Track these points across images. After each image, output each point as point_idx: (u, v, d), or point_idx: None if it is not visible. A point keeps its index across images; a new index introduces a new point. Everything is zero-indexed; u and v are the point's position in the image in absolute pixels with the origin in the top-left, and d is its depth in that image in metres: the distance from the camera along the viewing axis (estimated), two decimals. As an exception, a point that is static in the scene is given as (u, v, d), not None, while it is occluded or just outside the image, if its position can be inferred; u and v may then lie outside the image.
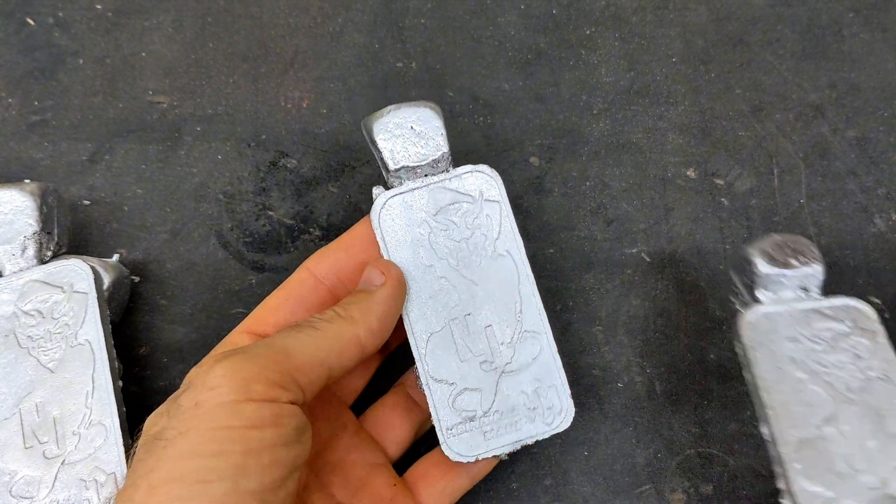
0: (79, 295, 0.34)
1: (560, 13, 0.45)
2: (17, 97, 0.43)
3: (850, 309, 0.34)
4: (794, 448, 0.31)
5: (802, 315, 0.34)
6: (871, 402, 0.32)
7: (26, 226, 0.35)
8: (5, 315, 0.34)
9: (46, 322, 0.33)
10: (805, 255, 0.34)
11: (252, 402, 0.25)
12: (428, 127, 0.33)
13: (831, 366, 0.32)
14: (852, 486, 0.30)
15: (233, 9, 0.45)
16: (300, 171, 0.42)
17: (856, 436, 0.31)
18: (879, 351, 0.32)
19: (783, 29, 0.45)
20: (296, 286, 0.33)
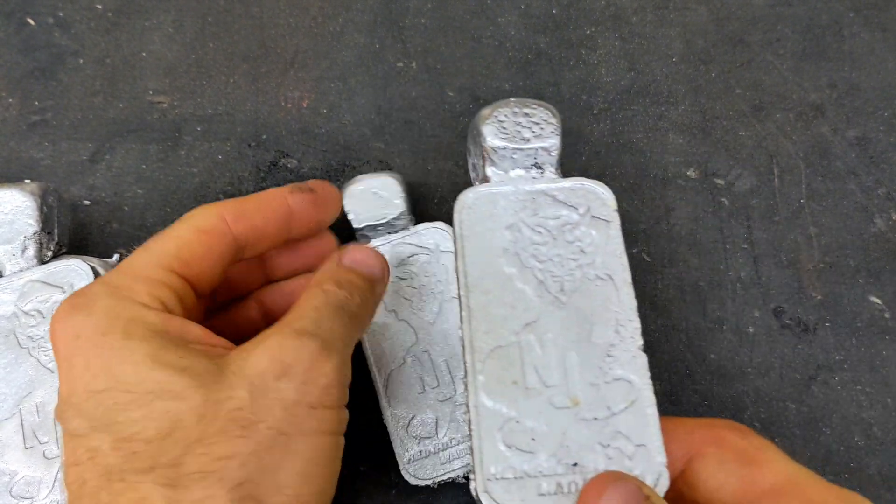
0: None
1: (560, 13, 0.45)
2: (18, 97, 0.43)
3: (586, 193, 0.29)
4: (484, 357, 0.26)
5: (530, 198, 0.29)
6: (583, 306, 0.27)
7: (26, 226, 0.35)
8: (5, 315, 0.34)
9: (47, 322, 0.33)
10: (540, 127, 0.29)
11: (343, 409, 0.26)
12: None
13: (549, 261, 0.28)
14: (537, 405, 0.26)
15: (233, 9, 0.45)
16: (300, 172, 0.42)
17: (556, 346, 0.27)
18: (608, 245, 0.28)
19: (783, 29, 0.45)
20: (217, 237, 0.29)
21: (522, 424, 0.25)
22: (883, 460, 0.37)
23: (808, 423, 0.37)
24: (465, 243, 0.28)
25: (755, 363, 0.38)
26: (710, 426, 0.26)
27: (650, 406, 0.26)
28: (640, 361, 0.27)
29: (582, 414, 0.26)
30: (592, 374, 0.26)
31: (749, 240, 0.41)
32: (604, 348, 0.27)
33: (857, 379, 0.38)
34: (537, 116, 0.30)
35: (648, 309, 0.39)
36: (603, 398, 0.26)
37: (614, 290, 0.27)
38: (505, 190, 0.29)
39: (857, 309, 0.39)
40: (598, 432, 0.25)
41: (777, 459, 0.25)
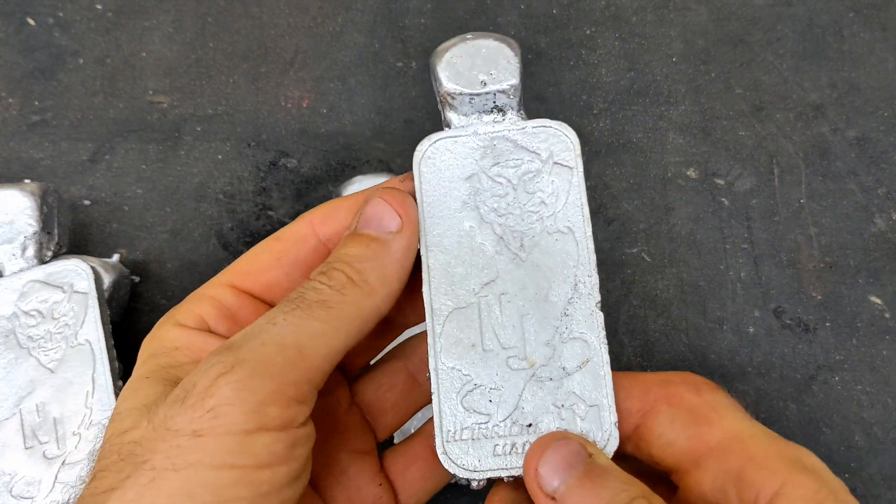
0: (79, 295, 0.34)
1: (560, 13, 0.45)
2: (18, 97, 0.43)
3: (549, 136, 0.27)
4: (444, 319, 0.26)
5: (490, 143, 0.27)
6: (542, 263, 0.26)
7: (26, 226, 0.35)
8: (5, 315, 0.34)
9: (46, 322, 0.33)
10: (498, 68, 0.27)
11: (265, 431, 0.21)
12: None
13: (509, 214, 0.27)
14: (495, 367, 0.26)
15: (233, 9, 0.45)
16: (300, 171, 0.42)
17: (515, 306, 0.26)
18: (570, 195, 0.27)
19: (783, 29, 0.45)
20: (294, 243, 0.27)
21: (480, 386, 0.26)
22: (883, 460, 0.36)
23: (809, 422, 0.37)
24: (424, 197, 0.27)
25: (755, 363, 0.38)
26: (667, 383, 0.26)
27: (604, 365, 0.26)
28: (596, 319, 0.26)
29: (538, 375, 0.26)
30: (549, 334, 0.26)
31: (749, 240, 0.41)
32: (561, 307, 0.26)
33: (857, 379, 0.38)
34: (495, 54, 0.27)
35: (649, 309, 0.39)
36: (559, 358, 0.26)
37: (574, 244, 0.26)
38: (464, 136, 0.27)
39: (857, 309, 0.39)
40: (553, 393, 0.25)
41: (727, 417, 0.25)
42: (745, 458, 0.23)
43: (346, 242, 0.25)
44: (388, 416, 0.29)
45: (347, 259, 0.25)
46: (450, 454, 0.25)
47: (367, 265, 0.24)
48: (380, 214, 0.26)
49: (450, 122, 0.28)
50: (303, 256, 0.27)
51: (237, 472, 0.21)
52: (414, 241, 0.26)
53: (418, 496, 0.28)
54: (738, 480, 0.23)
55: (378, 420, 0.29)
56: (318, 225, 0.27)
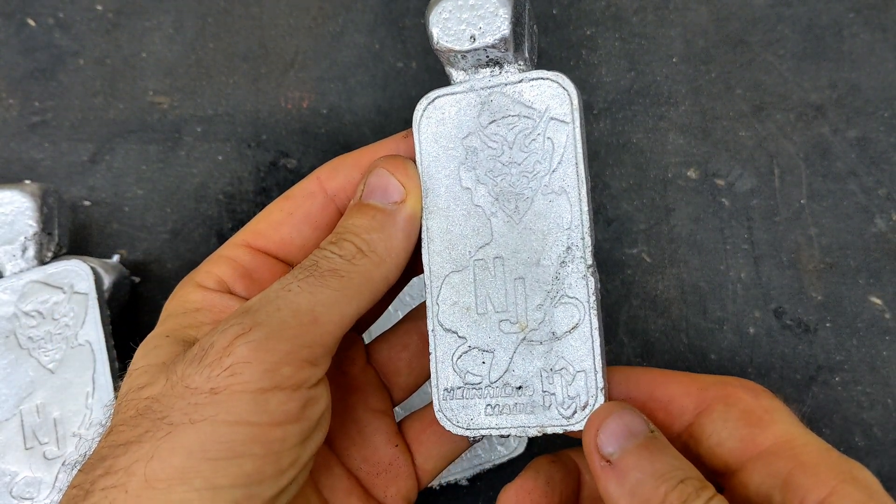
0: (79, 296, 0.34)
1: (560, 13, 0.45)
2: (18, 98, 0.43)
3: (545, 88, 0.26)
4: (441, 282, 0.26)
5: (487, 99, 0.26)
6: (537, 225, 0.26)
7: (27, 227, 0.35)
8: (6, 316, 0.34)
9: (47, 323, 0.33)
10: (487, 20, 0.25)
11: (279, 390, 0.22)
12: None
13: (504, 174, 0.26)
14: (488, 330, 0.26)
15: (233, 9, 0.45)
16: (301, 172, 0.42)
17: (508, 269, 0.26)
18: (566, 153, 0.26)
19: (784, 29, 0.45)
20: (303, 199, 0.28)
21: (474, 349, 0.26)
22: (883, 461, 0.36)
23: (809, 423, 0.37)
24: (423, 158, 0.27)
25: (756, 363, 0.38)
26: (724, 384, 0.26)
27: (593, 331, 0.25)
28: (588, 284, 0.25)
29: (528, 338, 0.26)
30: (540, 298, 0.26)
31: (749, 240, 0.41)
32: (553, 270, 0.26)
33: (857, 379, 0.38)
34: (483, 7, 0.26)
35: (649, 309, 0.39)
36: (549, 322, 0.26)
37: (568, 205, 0.26)
38: (461, 93, 0.27)
39: (857, 309, 0.39)
40: (543, 357, 0.26)
41: (781, 421, 0.25)
42: (796, 463, 0.24)
43: (352, 213, 0.26)
44: (402, 376, 0.30)
45: (356, 230, 0.25)
46: (444, 412, 0.26)
47: (374, 236, 0.25)
48: (384, 185, 0.26)
49: (450, 76, 0.27)
50: (313, 212, 0.28)
51: (252, 428, 0.21)
52: (418, 210, 0.26)
53: (435, 461, 0.29)
54: (785, 485, 0.23)
55: (393, 381, 0.30)
56: (326, 180, 0.28)
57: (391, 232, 0.25)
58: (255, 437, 0.22)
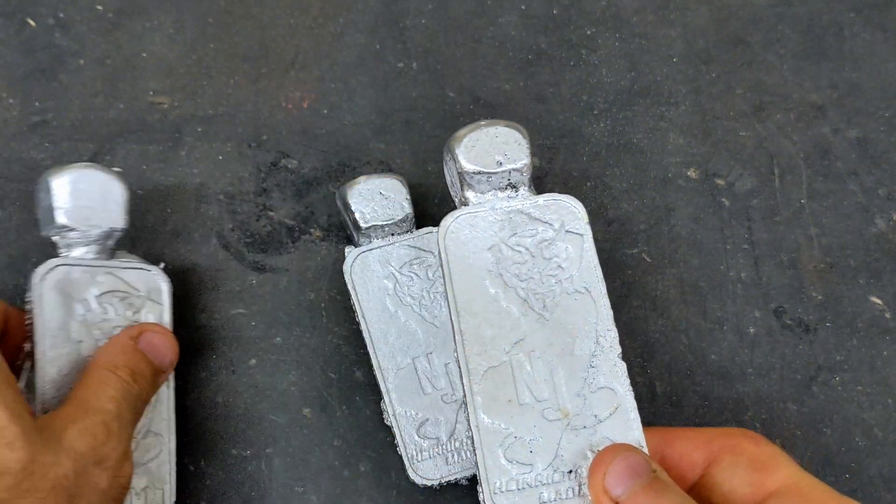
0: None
1: (561, 13, 0.45)
2: (18, 98, 0.43)
3: (559, 208, 0.30)
4: (479, 378, 0.28)
5: (507, 217, 0.30)
6: (565, 320, 0.29)
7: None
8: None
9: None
10: (511, 149, 0.30)
11: None
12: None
13: (530, 279, 0.29)
14: (532, 419, 0.28)
15: (234, 9, 0.45)
16: (301, 172, 0.42)
17: (544, 361, 0.29)
18: (584, 259, 0.30)
19: (784, 29, 0.45)
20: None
21: (520, 439, 0.28)
22: (884, 461, 0.36)
23: (809, 423, 0.37)
24: (451, 268, 0.29)
25: (756, 364, 0.38)
26: (728, 435, 0.29)
27: (632, 410, 0.28)
28: (620, 369, 0.28)
29: (572, 424, 0.28)
30: (578, 386, 0.28)
31: (750, 240, 0.41)
32: (586, 359, 0.29)
33: (857, 379, 0.38)
34: (507, 138, 0.30)
35: (649, 309, 0.39)
36: (590, 407, 0.28)
37: (592, 302, 0.29)
38: (483, 212, 0.30)
39: (857, 309, 0.39)
40: (588, 439, 0.28)
41: (785, 465, 0.27)
42: (805, 502, 0.26)
43: None
44: None
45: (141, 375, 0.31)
46: None
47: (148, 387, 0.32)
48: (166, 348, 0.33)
49: (467, 199, 0.31)
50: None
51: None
52: None
53: None
54: None
55: None
56: None
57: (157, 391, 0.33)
58: None
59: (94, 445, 0.28)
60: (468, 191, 0.31)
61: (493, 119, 0.31)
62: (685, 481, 0.29)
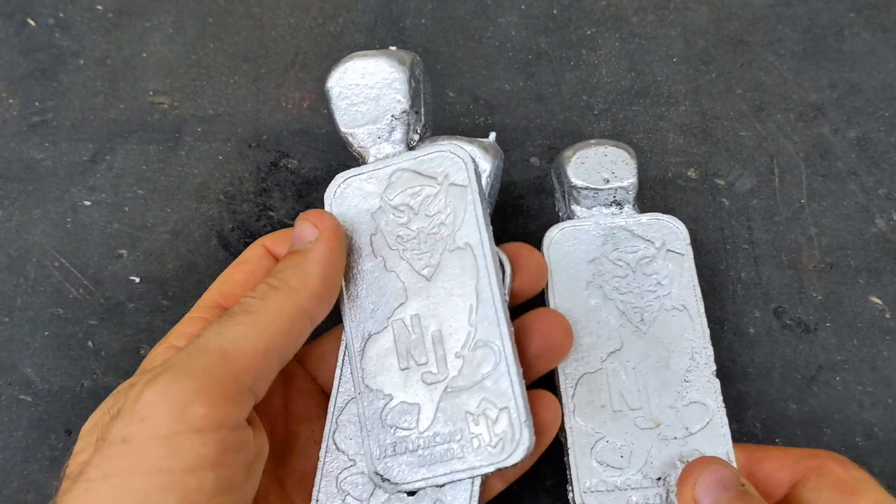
0: (456, 188, 0.28)
1: (561, 13, 0.45)
2: (18, 98, 0.43)
3: (661, 227, 0.31)
4: (575, 382, 0.30)
5: (610, 233, 0.31)
6: (661, 335, 0.30)
7: (395, 102, 0.29)
8: (370, 210, 0.29)
9: (420, 219, 0.29)
10: (619, 167, 0.31)
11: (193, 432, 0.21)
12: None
13: (629, 293, 0.30)
14: (624, 426, 0.29)
15: (234, 9, 0.45)
16: (301, 172, 0.42)
17: (638, 372, 0.30)
18: (683, 277, 0.31)
19: (784, 29, 0.45)
20: (257, 260, 0.30)
21: (612, 443, 0.29)
22: (885, 461, 0.36)
23: (810, 423, 0.37)
24: (553, 277, 0.31)
25: (756, 363, 0.38)
26: (815, 456, 0.29)
27: (723, 426, 0.29)
28: (713, 386, 0.30)
29: (663, 434, 0.29)
30: (671, 398, 0.29)
31: (749, 240, 0.41)
32: (681, 374, 0.30)
33: (858, 379, 0.38)
34: (616, 157, 0.32)
35: (649, 309, 0.39)
36: (681, 419, 0.29)
37: (689, 320, 0.30)
38: (587, 226, 0.31)
39: (857, 309, 0.39)
40: (678, 450, 0.29)
41: (872, 490, 0.27)
42: None
43: None
44: None
45: (273, 273, 0.26)
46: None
47: (287, 272, 0.26)
48: (300, 232, 0.27)
49: (573, 213, 0.32)
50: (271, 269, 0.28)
51: (164, 476, 0.21)
52: (335, 245, 0.27)
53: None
54: None
55: None
56: (272, 247, 0.30)
57: (305, 266, 0.26)
58: (168, 486, 0.21)
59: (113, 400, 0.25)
60: (574, 205, 0.32)
61: (603, 138, 0.33)
62: (770, 498, 0.29)
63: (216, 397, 0.22)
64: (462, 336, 0.27)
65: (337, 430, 0.28)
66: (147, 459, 0.21)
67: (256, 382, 0.24)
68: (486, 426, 0.27)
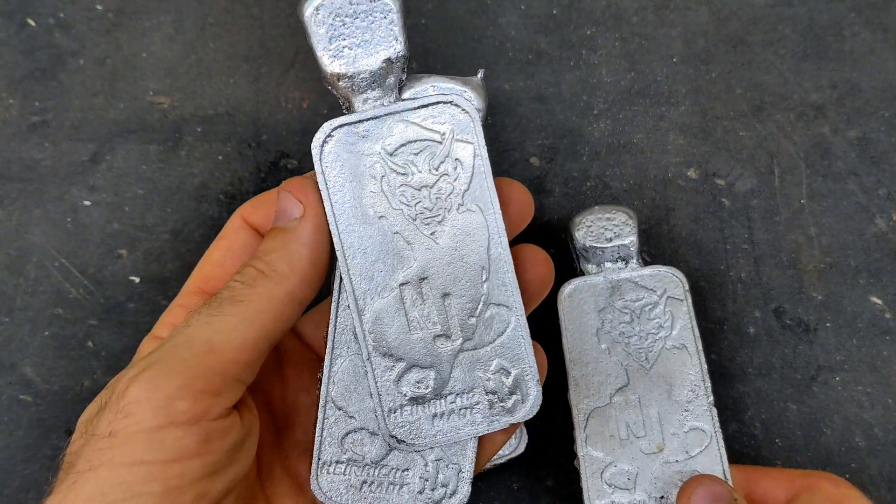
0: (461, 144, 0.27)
1: (561, 13, 0.45)
2: (18, 98, 0.43)
3: (662, 278, 0.35)
4: (586, 416, 0.34)
5: (617, 285, 0.35)
6: (664, 371, 0.34)
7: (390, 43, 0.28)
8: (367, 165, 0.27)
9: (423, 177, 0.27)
10: (620, 228, 0.36)
11: (175, 426, 0.22)
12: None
13: (634, 336, 0.34)
14: (629, 451, 0.33)
15: (233, 9, 0.45)
16: (301, 172, 0.42)
17: (643, 404, 0.34)
18: (682, 320, 0.35)
19: (784, 29, 0.45)
20: (234, 235, 0.29)
21: (620, 468, 0.33)
22: (884, 461, 0.37)
23: (809, 423, 0.37)
24: (566, 325, 0.34)
25: (756, 363, 0.38)
26: (809, 475, 0.31)
27: (720, 449, 0.33)
28: (711, 414, 0.33)
29: (666, 458, 0.33)
30: (673, 426, 0.33)
31: (750, 240, 0.41)
32: (682, 404, 0.33)
33: (857, 379, 0.38)
34: (618, 220, 0.36)
35: (649, 309, 0.39)
36: (682, 444, 0.33)
37: (689, 357, 0.34)
38: (596, 280, 0.35)
39: (857, 309, 0.39)
40: (680, 472, 0.32)
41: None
42: None
43: (263, 240, 0.27)
44: None
45: (259, 254, 0.25)
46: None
47: (275, 255, 0.25)
48: (284, 206, 0.26)
49: (585, 270, 0.36)
50: (248, 244, 0.28)
51: (147, 467, 0.21)
52: (321, 221, 0.26)
53: None
54: None
55: None
56: (248, 216, 0.29)
57: (292, 248, 0.25)
58: (151, 476, 0.21)
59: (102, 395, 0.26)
60: (585, 263, 0.36)
61: (605, 205, 0.37)
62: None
63: (200, 392, 0.22)
64: (474, 298, 0.28)
65: (334, 389, 0.28)
66: (131, 452, 0.21)
67: (244, 372, 0.24)
68: (500, 386, 0.28)
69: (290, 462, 0.29)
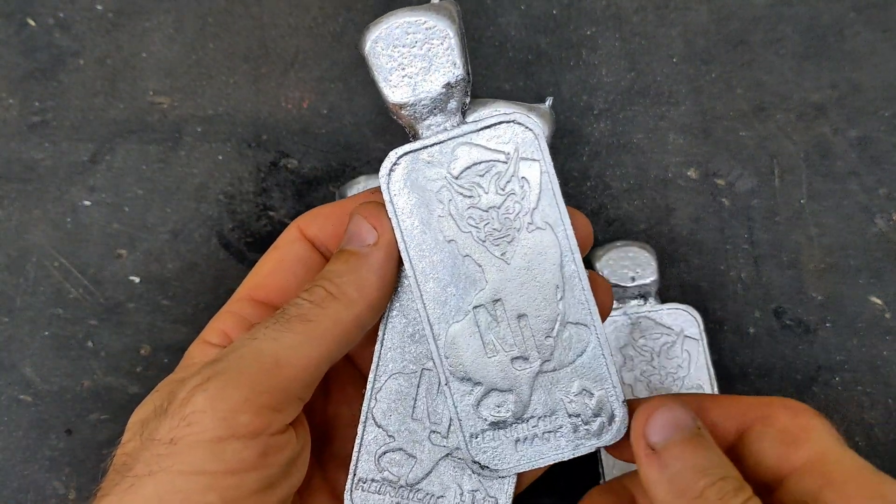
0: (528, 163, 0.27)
1: (560, 13, 0.45)
2: (18, 98, 0.43)
3: (678, 315, 0.37)
4: None
5: (637, 321, 0.37)
6: None
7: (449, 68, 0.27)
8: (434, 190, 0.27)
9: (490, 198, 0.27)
10: (642, 268, 0.37)
11: (235, 438, 0.22)
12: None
13: (655, 374, 0.36)
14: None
15: (233, 9, 0.45)
16: (301, 172, 0.42)
17: None
18: (699, 361, 0.36)
19: (785, 28, 0.45)
20: (288, 246, 0.29)
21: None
22: (884, 461, 0.36)
23: (809, 423, 0.37)
24: None
25: (756, 364, 0.38)
26: (764, 404, 0.27)
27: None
28: None
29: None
30: None
31: (750, 240, 0.40)
32: None
33: (858, 380, 0.38)
34: (639, 259, 0.37)
35: (649, 309, 0.39)
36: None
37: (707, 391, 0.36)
38: (617, 315, 0.37)
39: (858, 309, 0.39)
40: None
41: (816, 439, 0.25)
42: (825, 481, 0.24)
43: (331, 260, 0.27)
44: None
45: (329, 275, 0.26)
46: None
47: (345, 279, 0.25)
48: (358, 230, 0.26)
49: None
50: (302, 256, 0.28)
51: (207, 477, 0.22)
52: (391, 252, 0.26)
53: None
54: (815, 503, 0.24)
55: None
56: (304, 228, 0.29)
57: (363, 274, 0.26)
58: (210, 486, 0.22)
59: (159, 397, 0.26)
60: None
61: (627, 241, 0.38)
62: None
63: (263, 406, 0.23)
64: (550, 318, 0.27)
65: (376, 406, 0.28)
66: (192, 461, 0.22)
67: (304, 390, 0.24)
68: (583, 408, 0.27)
69: (328, 474, 0.29)
